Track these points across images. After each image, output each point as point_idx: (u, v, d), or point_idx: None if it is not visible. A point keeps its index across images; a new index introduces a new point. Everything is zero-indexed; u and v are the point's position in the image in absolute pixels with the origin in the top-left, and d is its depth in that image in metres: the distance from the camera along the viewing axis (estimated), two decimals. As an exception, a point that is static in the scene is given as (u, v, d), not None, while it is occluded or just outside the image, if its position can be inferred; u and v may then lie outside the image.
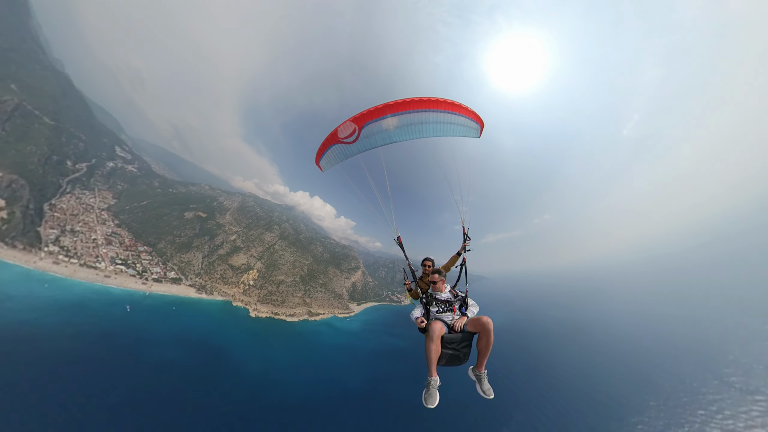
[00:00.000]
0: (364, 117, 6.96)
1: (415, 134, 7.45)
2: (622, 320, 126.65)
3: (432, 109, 7.07)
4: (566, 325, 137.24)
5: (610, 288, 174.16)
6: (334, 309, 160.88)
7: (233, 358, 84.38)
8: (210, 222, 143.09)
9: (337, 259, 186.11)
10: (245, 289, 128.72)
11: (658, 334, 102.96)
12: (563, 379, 73.87)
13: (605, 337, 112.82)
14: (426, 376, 5.53)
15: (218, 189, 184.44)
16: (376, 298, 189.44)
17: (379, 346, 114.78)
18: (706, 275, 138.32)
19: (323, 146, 8.14)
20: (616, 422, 52.45)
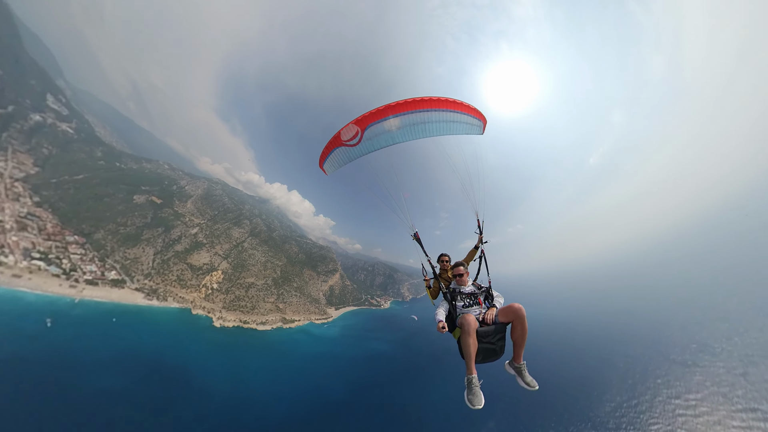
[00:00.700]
0: (366, 119, 6.97)
1: (418, 134, 7.46)
2: (582, 316, 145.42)
3: (434, 109, 7.13)
4: (535, 321, 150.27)
5: (570, 289, 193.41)
6: (311, 315, 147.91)
7: (195, 378, 69.59)
8: (166, 210, 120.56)
9: (314, 260, 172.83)
10: (208, 293, 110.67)
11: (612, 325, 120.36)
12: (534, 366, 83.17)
13: (568, 330, 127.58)
14: (464, 375, 5.28)
15: (180, 170, 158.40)
16: (355, 302, 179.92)
17: (361, 352, 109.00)
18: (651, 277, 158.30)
19: (327, 149, 8.00)
20: (583, 401, 62.10)
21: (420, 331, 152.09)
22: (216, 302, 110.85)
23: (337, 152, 7.86)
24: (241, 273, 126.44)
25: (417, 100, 7.04)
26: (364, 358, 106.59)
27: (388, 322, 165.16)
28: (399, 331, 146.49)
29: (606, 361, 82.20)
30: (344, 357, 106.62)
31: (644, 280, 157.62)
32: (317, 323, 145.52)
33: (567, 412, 59.45)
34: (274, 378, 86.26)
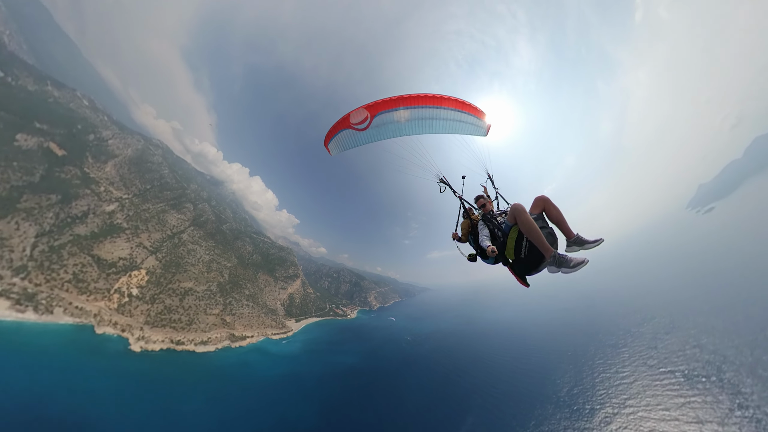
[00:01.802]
0: (378, 105, 7.13)
1: (425, 129, 7.64)
2: (538, 315, 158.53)
3: (444, 107, 7.32)
4: (497, 323, 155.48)
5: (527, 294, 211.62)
6: (267, 329, 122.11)
7: None
8: (70, 169, 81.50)
9: (272, 263, 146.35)
10: (123, 302, 78.58)
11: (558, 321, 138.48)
12: (502, 363, 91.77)
13: (529, 328, 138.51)
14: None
15: (106, 114, 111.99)
16: (319, 313, 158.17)
17: (327, 368, 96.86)
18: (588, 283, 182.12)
19: (334, 129, 7.99)
20: (546, 387, 70.26)
21: (390, 339, 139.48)
22: (135, 315, 79.14)
23: (343, 134, 7.82)
24: (175, 275, 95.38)
25: (429, 96, 7.19)
26: (332, 374, 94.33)
27: (356, 333, 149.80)
28: (368, 341, 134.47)
29: (558, 352, 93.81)
30: (309, 376, 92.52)
31: (583, 286, 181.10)
32: (275, 339, 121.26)
33: (532, 398, 67.11)
34: (223, 415, 65.09)
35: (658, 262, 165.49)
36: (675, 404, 49.91)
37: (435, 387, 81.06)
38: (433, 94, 7.25)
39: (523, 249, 5.88)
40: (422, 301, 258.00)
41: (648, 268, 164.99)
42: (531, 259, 5.83)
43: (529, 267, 6.02)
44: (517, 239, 5.96)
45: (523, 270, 6.10)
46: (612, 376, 67.98)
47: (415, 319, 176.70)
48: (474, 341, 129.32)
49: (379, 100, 7.12)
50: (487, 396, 69.02)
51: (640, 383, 61.26)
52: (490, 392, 70.50)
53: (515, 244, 5.97)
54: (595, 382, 67.56)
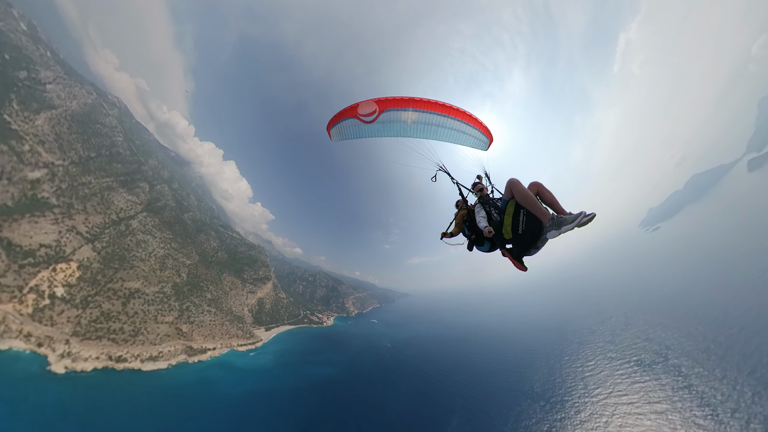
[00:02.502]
0: (388, 102, 7.16)
1: (429, 135, 7.70)
2: (512, 318, 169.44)
3: (452, 116, 7.40)
4: (475, 327, 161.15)
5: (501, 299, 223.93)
6: (232, 339, 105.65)
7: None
8: None
9: (240, 262, 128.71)
10: (41, 306, 58.86)
11: (531, 323, 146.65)
12: (480, 364, 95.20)
13: (504, 330, 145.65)
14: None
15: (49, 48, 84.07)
16: (292, 320, 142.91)
17: (302, 381, 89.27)
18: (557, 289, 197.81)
19: (339, 116, 7.92)
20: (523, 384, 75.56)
21: (369, 347, 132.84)
22: (59, 324, 59.97)
23: (348, 122, 7.73)
24: (117, 271, 76.50)
25: (439, 103, 7.30)
26: (308, 388, 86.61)
27: (333, 342, 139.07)
28: (346, 350, 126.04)
29: (531, 351, 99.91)
30: (282, 392, 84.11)
31: (551, 292, 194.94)
32: (241, 351, 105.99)
33: (511, 395, 70.61)
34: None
35: (615, 270, 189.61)
36: (633, 389, 57.46)
37: (417, 393, 79.67)
38: (443, 102, 7.27)
39: (521, 223, 6.02)
40: (402, 307, 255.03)
41: (607, 275, 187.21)
42: (530, 229, 5.92)
43: (527, 243, 6.13)
44: (515, 214, 6.16)
45: (521, 248, 6.16)
46: (579, 368, 75.71)
47: (395, 326, 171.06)
48: (453, 345, 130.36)
49: (390, 97, 7.16)
50: (469, 397, 71.14)
51: (604, 373, 69.64)
52: (471, 393, 72.92)
53: (512, 220, 6.10)
54: (565, 375, 73.91)
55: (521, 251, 6.20)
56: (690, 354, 62.23)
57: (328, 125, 8.20)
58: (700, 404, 46.86)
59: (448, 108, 7.32)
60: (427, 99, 7.32)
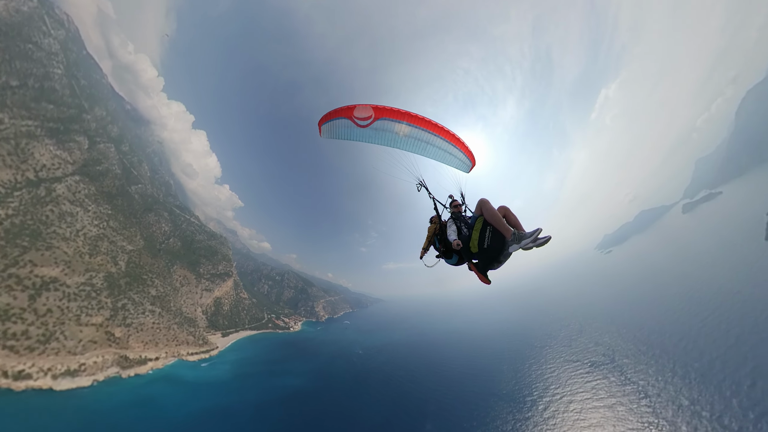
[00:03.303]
0: (385, 110, 7.40)
1: (417, 150, 8.02)
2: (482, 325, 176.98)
3: (441, 136, 7.78)
4: (447, 333, 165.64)
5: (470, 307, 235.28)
6: (180, 346, 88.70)
7: None
8: None
9: (196, 253, 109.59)
10: None
11: (501, 330, 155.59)
12: (452, 369, 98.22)
13: (474, 336, 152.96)
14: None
15: None
16: (254, 324, 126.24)
17: (266, 395, 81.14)
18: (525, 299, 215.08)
19: (334, 113, 8.05)
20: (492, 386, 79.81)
21: (340, 354, 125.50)
22: None
23: (341, 122, 7.85)
24: (27, 251, 57.08)
25: (432, 122, 7.68)
26: (272, 402, 78.39)
27: (301, 349, 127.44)
28: (315, 357, 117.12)
29: (499, 356, 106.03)
30: (242, 408, 74.46)
31: (517, 302, 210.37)
32: (191, 360, 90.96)
33: (480, 397, 74.39)
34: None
35: (573, 285, 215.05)
36: (587, 387, 66.18)
37: (390, 400, 78.64)
38: (435, 122, 7.65)
39: (487, 239, 6.68)
40: (375, 313, 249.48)
41: (566, 288, 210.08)
42: (494, 245, 6.60)
43: (491, 257, 6.74)
44: (482, 230, 6.78)
45: (486, 262, 6.81)
46: (542, 370, 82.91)
47: (367, 332, 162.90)
48: (426, 351, 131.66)
49: (387, 107, 7.40)
50: (441, 402, 73.33)
51: (563, 374, 77.25)
52: (443, 398, 75.11)
53: (479, 235, 6.74)
54: (530, 376, 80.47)
55: (486, 265, 6.86)
56: (632, 356, 73.57)
57: (321, 120, 8.27)
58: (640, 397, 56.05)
59: (439, 128, 7.71)
60: (421, 116, 7.52)
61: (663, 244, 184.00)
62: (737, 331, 62.16)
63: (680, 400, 50.57)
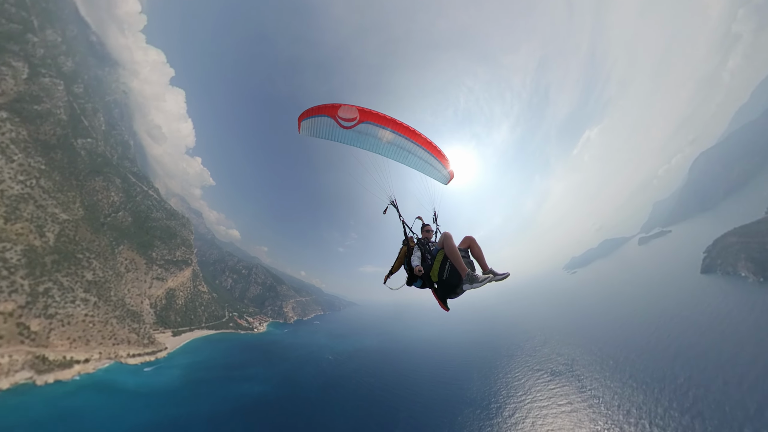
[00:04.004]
0: (370, 114, 7.36)
1: (398, 158, 8.08)
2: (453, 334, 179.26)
3: (423, 147, 7.93)
4: (420, 340, 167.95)
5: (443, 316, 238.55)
6: (119, 346, 74.30)
7: None
8: None
9: (150, 233, 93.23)
10: None
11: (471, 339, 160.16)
12: (423, 376, 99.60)
13: (445, 344, 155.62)
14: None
15: None
16: (212, 323, 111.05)
17: (222, 404, 72.15)
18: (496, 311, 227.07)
19: (317, 110, 7.85)
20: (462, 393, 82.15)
21: (309, 359, 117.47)
22: None
23: (324, 120, 7.74)
24: None
25: (417, 132, 7.77)
26: (231, 413, 69.68)
27: (265, 353, 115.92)
28: (281, 362, 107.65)
29: (469, 363, 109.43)
30: (194, 421, 64.74)
31: (488, 314, 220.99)
32: (132, 364, 76.35)
33: (451, 404, 75.94)
34: None
35: (541, 300, 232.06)
36: (549, 394, 71.63)
37: (361, 408, 77.21)
38: (420, 132, 7.75)
39: (446, 271, 7.02)
40: (347, 317, 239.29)
41: (534, 303, 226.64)
42: (451, 280, 6.99)
43: (449, 289, 7.15)
44: (442, 261, 7.09)
45: (445, 292, 7.25)
46: (509, 378, 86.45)
47: (339, 336, 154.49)
48: (398, 358, 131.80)
49: (373, 111, 7.37)
50: (412, 408, 74.18)
51: (528, 381, 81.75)
52: (414, 404, 76.20)
53: (440, 266, 7.08)
54: (498, 384, 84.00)
55: (444, 294, 7.28)
56: (589, 366, 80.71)
57: (302, 116, 8.11)
58: (594, 403, 62.09)
59: (422, 139, 7.83)
60: (406, 125, 7.54)
61: (621, 270, 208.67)
62: (675, 347, 72.19)
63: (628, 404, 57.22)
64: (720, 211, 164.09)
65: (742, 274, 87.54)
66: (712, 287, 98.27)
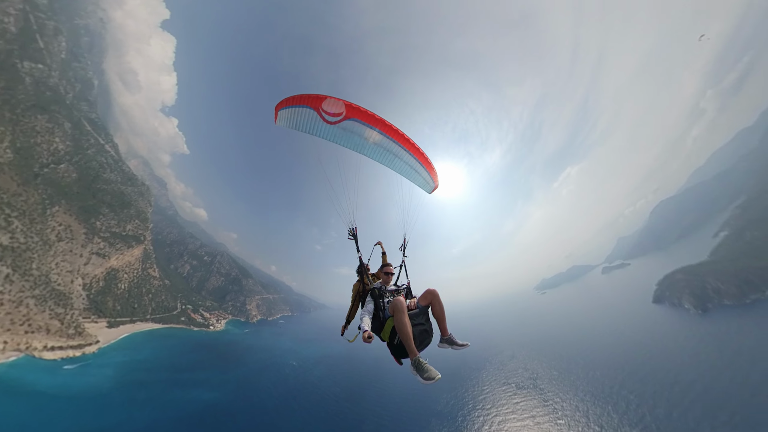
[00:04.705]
0: (357, 110, 6.98)
1: (384, 161, 7.90)
2: None
3: (410, 152, 7.79)
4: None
5: None
6: (33, 335, 60.23)
7: None
8: None
9: (97, 197, 77.66)
10: None
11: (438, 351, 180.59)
12: (391, 385, 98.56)
13: None
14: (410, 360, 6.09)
15: None
16: (160, 315, 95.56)
17: (165, 412, 63.03)
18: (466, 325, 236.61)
19: (297, 100, 7.14)
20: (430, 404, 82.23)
21: (270, 364, 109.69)
22: None
23: (305, 112, 7.14)
24: None
25: (405, 136, 7.44)
26: (173, 421, 61.13)
27: (220, 354, 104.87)
28: (238, 366, 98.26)
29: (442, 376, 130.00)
30: None
31: (460, 324, 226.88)
32: (48, 359, 62.44)
33: (418, 414, 76.71)
34: None
35: (511, 317, 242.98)
36: (514, 405, 75.73)
37: (325, 421, 74.46)
38: (408, 137, 7.46)
39: (396, 339, 6.48)
40: (316, 320, 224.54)
41: (504, 320, 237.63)
42: (401, 352, 6.50)
43: (403, 353, 6.68)
44: (392, 330, 6.51)
45: (398, 354, 6.68)
46: (477, 391, 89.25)
47: (306, 341, 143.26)
48: (366, 367, 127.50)
49: (363, 108, 6.98)
50: (380, 418, 73.91)
51: (495, 394, 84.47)
52: (381, 414, 75.66)
53: (390, 333, 6.56)
54: (466, 395, 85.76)
55: (399, 355, 6.69)
56: (552, 380, 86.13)
57: (281, 104, 7.41)
58: (557, 416, 66.01)
59: (410, 144, 7.55)
60: (395, 127, 7.17)
61: (585, 294, 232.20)
62: (630, 368, 79.86)
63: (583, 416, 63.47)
64: (672, 251, 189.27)
65: (686, 306, 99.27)
66: (661, 315, 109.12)
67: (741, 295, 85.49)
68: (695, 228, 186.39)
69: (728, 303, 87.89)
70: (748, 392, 53.62)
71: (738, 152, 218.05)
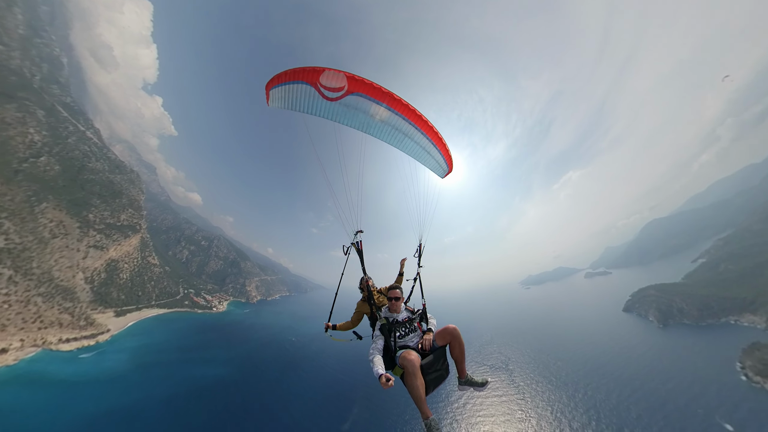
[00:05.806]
0: (361, 83, 6.18)
1: (392, 141, 7.16)
2: None
3: (423, 131, 7.02)
4: None
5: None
6: (47, 330, 64.06)
7: None
8: None
9: (85, 188, 76.88)
10: None
11: None
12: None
13: None
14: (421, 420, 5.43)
15: None
16: (164, 300, 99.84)
17: (178, 387, 69.65)
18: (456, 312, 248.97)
19: (292, 75, 6.39)
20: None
21: (271, 341, 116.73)
22: None
23: (301, 88, 6.40)
24: None
25: (417, 112, 6.68)
26: (188, 395, 67.89)
27: (224, 334, 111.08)
28: (241, 344, 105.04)
29: None
30: (147, 406, 60.88)
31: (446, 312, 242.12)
32: (66, 350, 66.69)
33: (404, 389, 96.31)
34: None
35: (496, 307, 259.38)
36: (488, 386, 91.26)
37: (321, 389, 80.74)
38: (421, 113, 6.60)
39: None
40: (313, 300, 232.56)
41: (488, 309, 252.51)
42: None
43: None
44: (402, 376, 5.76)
45: None
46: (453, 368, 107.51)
47: (303, 318, 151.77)
48: (360, 342, 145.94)
49: (367, 80, 6.01)
50: (369, 388, 78.01)
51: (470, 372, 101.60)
52: (370, 387, 79.31)
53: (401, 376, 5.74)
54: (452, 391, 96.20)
55: None
56: (522, 365, 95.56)
57: (272, 82, 6.43)
58: (523, 397, 74.17)
59: (423, 122, 6.64)
60: (405, 102, 6.24)
61: (566, 294, 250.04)
62: (596, 363, 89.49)
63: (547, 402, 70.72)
64: (652, 268, 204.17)
65: (650, 319, 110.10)
66: (627, 323, 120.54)
67: (699, 318, 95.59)
68: (678, 251, 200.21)
69: (687, 322, 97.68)
70: (684, 401, 61.53)
71: (738, 186, 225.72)
